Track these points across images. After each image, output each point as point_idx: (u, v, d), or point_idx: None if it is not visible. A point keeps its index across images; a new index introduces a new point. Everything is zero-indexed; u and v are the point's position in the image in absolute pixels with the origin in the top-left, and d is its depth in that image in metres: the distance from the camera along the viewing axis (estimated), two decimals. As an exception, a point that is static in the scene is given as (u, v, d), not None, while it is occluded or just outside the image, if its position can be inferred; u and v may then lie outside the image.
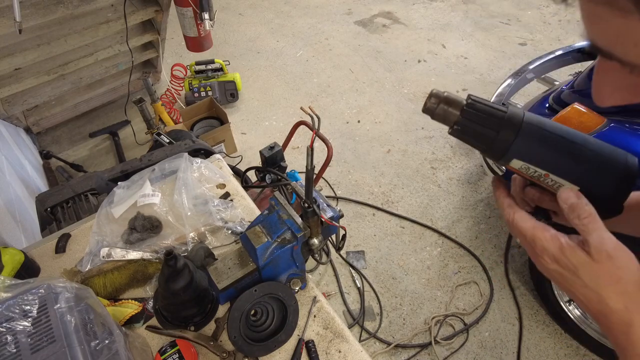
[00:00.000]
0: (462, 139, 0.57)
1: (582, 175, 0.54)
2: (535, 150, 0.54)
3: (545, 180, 0.55)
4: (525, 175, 0.56)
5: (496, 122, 0.54)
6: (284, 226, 0.88)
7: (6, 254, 0.97)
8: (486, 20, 4.03)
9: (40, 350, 0.62)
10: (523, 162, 0.54)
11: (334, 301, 2.01)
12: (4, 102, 2.41)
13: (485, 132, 0.54)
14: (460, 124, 0.55)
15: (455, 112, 0.55)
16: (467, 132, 0.55)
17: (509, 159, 0.55)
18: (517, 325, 1.91)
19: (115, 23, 2.33)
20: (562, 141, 0.54)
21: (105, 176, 1.43)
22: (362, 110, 3.10)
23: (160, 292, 0.91)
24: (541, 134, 0.54)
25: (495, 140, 0.54)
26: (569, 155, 0.54)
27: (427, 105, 0.56)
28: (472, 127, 0.54)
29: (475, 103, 0.54)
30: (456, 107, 0.55)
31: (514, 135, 0.53)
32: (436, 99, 0.55)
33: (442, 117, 0.56)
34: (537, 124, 0.54)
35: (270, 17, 4.23)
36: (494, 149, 0.55)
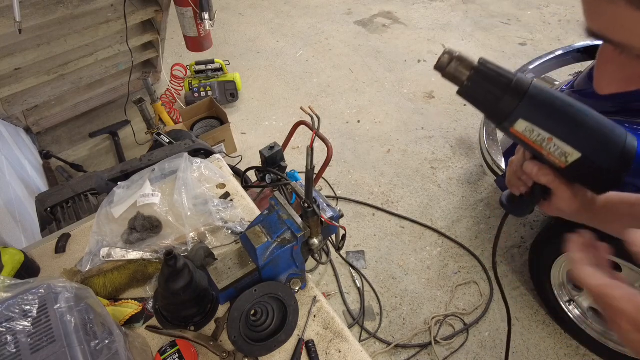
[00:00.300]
0: (471, 99, 0.58)
1: (584, 141, 0.55)
2: (540, 111, 0.55)
3: (548, 146, 0.56)
4: (528, 140, 0.56)
5: (505, 82, 0.55)
6: (284, 226, 0.88)
7: (6, 254, 0.97)
8: (486, 20, 4.03)
9: (40, 350, 0.62)
10: (528, 124, 0.55)
11: (334, 301, 2.01)
12: (4, 102, 2.41)
13: (494, 92, 0.55)
14: (471, 80, 0.56)
15: (465, 71, 0.56)
16: (476, 91, 0.57)
17: (515, 119, 0.55)
18: (517, 326, 1.91)
19: (115, 23, 2.33)
20: (568, 107, 0.55)
21: (105, 176, 1.43)
22: (362, 110, 3.10)
23: (160, 292, 0.91)
24: (547, 97, 0.55)
25: (502, 100, 0.55)
26: (573, 121, 0.55)
27: (440, 61, 0.57)
28: (482, 85, 0.56)
29: (486, 63, 0.56)
30: (467, 66, 0.56)
31: (521, 96, 0.54)
32: (449, 56, 0.57)
33: (452, 75, 0.57)
34: (544, 88, 0.55)
35: (270, 17, 4.23)
36: (501, 108, 0.55)
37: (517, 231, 2.27)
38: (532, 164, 0.61)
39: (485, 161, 2.08)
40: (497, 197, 2.45)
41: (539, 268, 1.80)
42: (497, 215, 2.36)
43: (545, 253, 1.73)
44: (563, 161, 0.57)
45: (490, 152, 2.05)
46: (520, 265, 2.12)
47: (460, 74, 0.57)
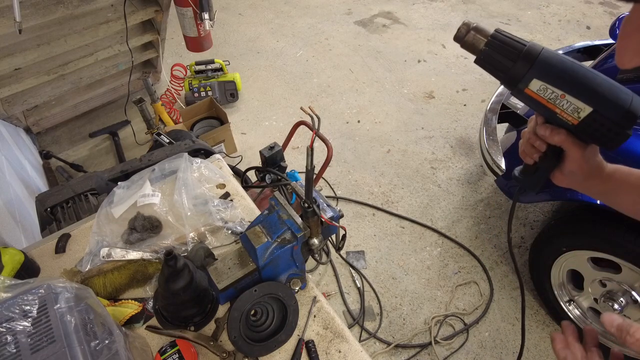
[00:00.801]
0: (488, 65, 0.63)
1: (595, 96, 0.59)
2: (553, 71, 0.59)
3: (561, 102, 0.60)
4: (542, 98, 0.61)
5: (519, 47, 0.60)
6: (284, 226, 0.88)
7: (6, 254, 0.97)
8: (486, 20, 4.03)
9: (40, 350, 0.62)
10: (542, 83, 0.60)
11: (334, 301, 2.01)
12: (4, 102, 2.41)
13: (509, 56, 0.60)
14: (488, 46, 0.62)
15: (482, 39, 0.62)
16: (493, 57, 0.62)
17: (529, 79, 0.60)
18: (517, 326, 1.91)
19: (115, 23, 2.33)
20: (577, 67, 0.60)
21: (105, 176, 1.43)
22: (362, 110, 3.10)
23: (160, 292, 0.91)
24: (559, 58, 0.60)
25: (517, 63, 0.60)
26: (584, 78, 0.59)
27: (458, 32, 0.63)
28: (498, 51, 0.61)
29: (502, 32, 0.62)
30: (484, 35, 0.62)
31: (534, 57, 0.59)
32: (467, 27, 0.63)
33: (471, 43, 0.63)
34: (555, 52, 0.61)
35: (270, 17, 4.23)
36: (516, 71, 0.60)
37: (517, 231, 2.27)
38: (544, 127, 0.65)
39: (485, 161, 2.08)
40: (497, 197, 2.45)
41: (539, 268, 1.80)
42: (496, 216, 2.36)
43: (545, 253, 1.73)
44: (575, 117, 0.60)
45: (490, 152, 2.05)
46: (520, 265, 2.12)
47: (477, 42, 0.62)
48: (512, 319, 1.93)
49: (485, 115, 2.06)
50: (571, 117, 0.60)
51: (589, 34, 3.78)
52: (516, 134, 1.96)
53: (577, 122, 0.60)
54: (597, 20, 3.96)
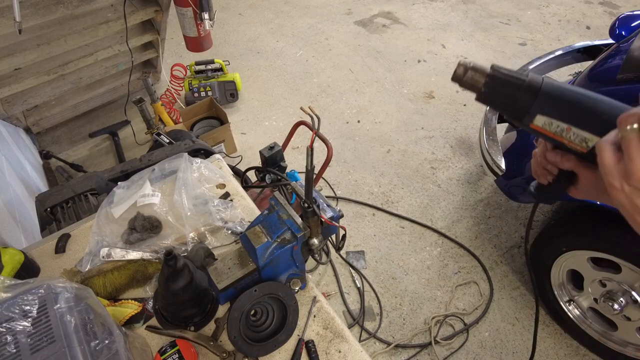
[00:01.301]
0: (489, 103, 0.63)
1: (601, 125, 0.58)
2: (556, 105, 0.59)
3: (568, 135, 0.59)
4: (548, 132, 0.60)
5: (519, 83, 0.59)
6: (284, 226, 0.88)
7: (6, 254, 0.97)
8: (486, 20, 4.03)
9: (40, 350, 0.62)
10: (546, 118, 0.59)
11: (334, 301, 2.01)
12: (4, 102, 2.41)
13: (510, 93, 0.60)
14: (487, 86, 0.61)
15: (481, 79, 0.61)
16: (494, 95, 0.62)
17: (533, 115, 0.60)
18: (517, 326, 1.91)
19: (115, 23, 2.33)
20: (580, 96, 0.59)
21: (105, 176, 1.43)
22: (362, 110, 3.10)
23: (160, 292, 0.91)
24: (560, 90, 0.59)
25: (519, 99, 0.60)
26: (588, 108, 0.58)
27: (456, 73, 0.63)
28: (498, 89, 0.61)
29: (499, 68, 0.61)
30: (482, 73, 0.61)
31: (536, 92, 0.59)
32: (464, 67, 0.62)
33: (469, 83, 0.63)
34: (556, 83, 0.60)
35: (270, 17, 4.23)
36: (519, 107, 0.60)
37: (517, 231, 2.27)
38: (554, 153, 0.65)
39: (485, 161, 2.08)
40: (497, 197, 2.45)
41: (539, 268, 1.80)
42: (496, 216, 2.36)
43: (545, 253, 1.73)
44: (584, 146, 0.60)
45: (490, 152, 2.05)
46: (520, 265, 2.12)
47: (476, 82, 0.62)
48: (512, 319, 1.93)
49: (485, 115, 2.06)
50: (579, 146, 0.60)
51: (589, 34, 3.78)
52: (516, 134, 1.96)
53: (586, 151, 0.60)
54: (597, 20, 3.96)
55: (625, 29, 2.00)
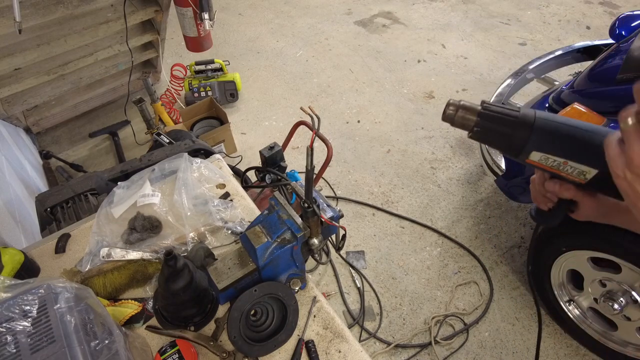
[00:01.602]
0: (482, 141, 0.62)
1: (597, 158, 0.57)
2: (551, 141, 0.58)
3: (565, 168, 0.59)
4: (545, 166, 0.60)
5: (512, 120, 0.58)
6: (284, 226, 0.88)
7: (6, 254, 0.97)
8: (486, 20, 4.03)
9: (40, 350, 0.62)
10: (542, 154, 0.58)
11: (334, 301, 2.01)
12: (4, 102, 2.41)
13: (503, 131, 0.59)
14: (479, 125, 0.60)
15: (472, 118, 0.60)
16: (487, 133, 0.60)
17: (529, 152, 0.59)
18: (517, 326, 1.91)
19: (115, 23, 2.33)
20: (574, 130, 0.58)
21: (105, 176, 1.43)
22: (362, 110, 3.10)
23: (160, 292, 0.91)
24: (554, 125, 0.58)
25: (513, 137, 0.58)
26: (582, 142, 0.57)
27: (446, 113, 0.61)
28: (491, 128, 0.59)
29: (490, 106, 0.60)
30: (473, 112, 0.60)
31: (529, 129, 0.57)
32: (454, 107, 0.61)
33: (461, 123, 0.61)
34: (549, 117, 0.58)
35: (270, 17, 4.23)
36: (513, 145, 0.59)
37: (517, 231, 2.27)
38: (552, 183, 0.64)
39: (485, 161, 2.09)
40: (497, 197, 2.45)
41: (539, 268, 1.80)
42: (496, 216, 2.36)
43: (545, 253, 1.73)
44: (582, 178, 0.59)
45: (490, 152, 2.05)
46: (520, 265, 2.12)
47: (467, 121, 0.60)
48: (512, 319, 1.93)
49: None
50: (577, 178, 0.60)
51: (589, 34, 3.78)
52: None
53: (585, 182, 0.60)
54: (597, 20, 3.96)
55: (625, 29, 2.00)
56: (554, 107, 1.89)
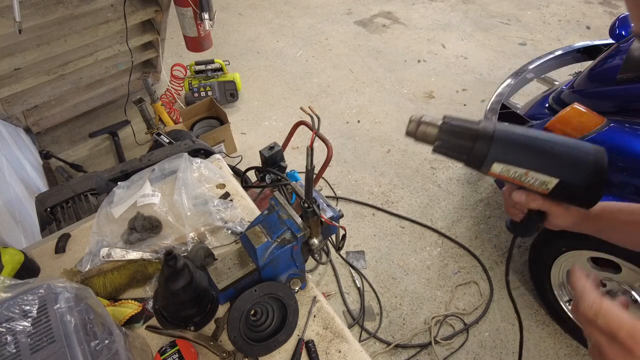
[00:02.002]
0: (444, 154, 0.62)
1: (557, 168, 0.58)
2: (511, 152, 0.59)
3: (527, 179, 0.60)
4: (507, 178, 0.60)
5: (472, 133, 0.59)
6: (284, 226, 0.88)
7: (6, 254, 0.97)
8: (486, 20, 4.03)
9: (40, 350, 0.62)
10: (503, 165, 0.59)
11: (334, 301, 2.01)
12: (4, 102, 2.41)
13: (464, 144, 0.60)
14: (440, 139, 0.61)
15: (433, 132, 0.61)
16: (448, 146, 0.61)
17: (490, 164, 0.59)
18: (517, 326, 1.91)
19: (115, 23, 2.33)
20: (534, 140, 0.59)
21: (105, 176, 1.43)
22: (362, 110, 3.10)
23: (160, 292, 0.91)
24: (514, 137, 0.59)
25: (473, 149, 0.59)
26: (542, 152, 0.58)
27: (408, 129, 0.63)
28: (452, 141, 0.60)
29: (450, 120, 0.61)
30: (433, 127, 0.61)
31: (489, 141, 0.58)
32: (415, 123, 0.62)
33: (423, 137, 0.62)
34: (509, 129, 0.59)
35: (270, 17, 4.23)
36: (474, 157, 0.60)
37: (517, 231, 2.27)
38: (519, 194, 0.65)
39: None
40: (497, 197, 2.45)
41: (539, 268, 1.80)
42: (496, 215, 2.36)
43: (545, 253, 1.73)
44: (544, 189, 0.60)
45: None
46: (520, 265, 2.12)
47: (429, 136, 0.62)
48: (512, 319, 1.93)
49: (485, 115, 2.06)
50: (540, 189, 0.60)
51: (589, 34, 3.78)
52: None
53: (548, 192, 0.61)
54: (597, 20, 3.96)
55: (625, 29, 2.00)
56: (554, 107, 1.89)
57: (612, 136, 1.46)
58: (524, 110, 2.09)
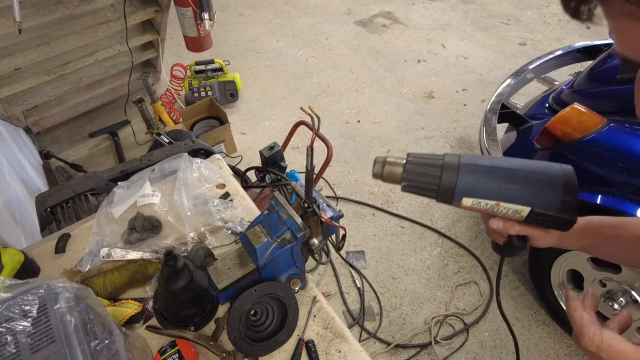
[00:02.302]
0: (414, 192, 0.61)
1: (527, 196, 0.57)
2: (478, 185, 0.57)
3: (499, 209, 0.59)
4: (480, 210, 0.60)
5: (436, 169, 0.58)
6: (284, 226, 0.88)
7: (6, 254, 0.97)
8: (486, 20, 4.03)
9: (40, 350, 0.62)
10: (472, 199, 0.58)
11: (334, 301, 2.01)
12: (4, 102, 2.41)
13: (429, 180, 0.59)
14: (406, 179, 0.60)
15: (399, 171, 0.60)
16: (415, 184, 0.60)
17: (459, 198, 0.58)
18: (517, 326, 1.91)
19: (115, 23, 2.33)
20: (500, 170, 0.58)
21: (105, 176, 1.43)
22: (362, 110, 3.10)
23: (160, 292, 0.91)
24: (479, 168, 0.58)
25: (440, 184, 0.58)
26: (510, 183, 0.57)
27: (374, 171, 0.62)
28: (417, 178, 0.59)
29: (413, 158, 0.60)
30: (398, 165, 0.60)
31: (455, 175, 0.57)
32: (380, 164, 0.61)
33: (389, 177, 0.61)
34: (473, 161, 0.58)
35: (270, 17, 4.23)
36: (442, 192, 0.59)
37: (517, 231, 2.27)
38: (496, 221, 0.64)
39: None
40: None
41: (539, 268, 1.80)
42: (497, 215, 2.36)
43: (545, 253, 1.73)
44: (518, 217, 0.59)
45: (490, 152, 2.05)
46: (520, 265, 2.12)
47: (395, 175, 0.61)
48: (512, 318, 1.93)
49: (485, 115, 2.06)
50: (514, 217, 0.60)
51: (589, 34, 3.78)
52: (516, 134, 1.96)
53: (522, 220, 0.60)
54: (597, 20, 3.96)
55: (625, 29, 1.99)
56: (554, 107, 1.89)
57: (612, 136, 1.46)
58: (524, 110, 2.09)
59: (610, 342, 0.48)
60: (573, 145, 1.54)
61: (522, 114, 2.01)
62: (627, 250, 0.66)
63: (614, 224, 0.66)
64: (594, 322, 0.51)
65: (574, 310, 0.54)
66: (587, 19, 0.35)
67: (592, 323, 0.51)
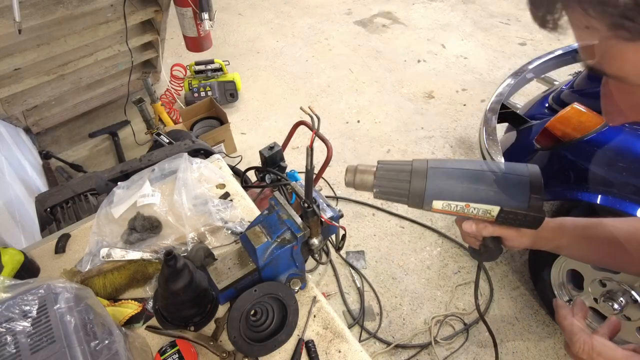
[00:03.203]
0: (386, 199, 0.63)
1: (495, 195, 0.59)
2: (447, 187, 0.59)
3: (470, 210, 0.60)
4: (451, 212, 0.61)
5: (406, 174, 0.60)
6: (284, 226, 0.88)
7: (6, 254, 0.97)
8: (486, 20, 4.03)
9: (40, 350, 0.62)
10: (443, 201, 0.60)
11: (334, 301, 2.01)
12: (3, 102, 2.41)
13: (400, 185, 0.60)
14: (377, 185, 0.61)
15: (369, 178, 0.62)
16: (386, 190, 0.62)
17: (430, 201, 0.60)
18: (517, 326, 1.91)
19: (115, 23, 2.33)
20: (467, 171, 0.59)
21: (105, 176, 1.43)
22: (362, 110, 3.10)
23: (160, 292, 0.91)
24: (447, 171, 0.59)
25: (410, 189, 0.60)
26: (477, 181, 0.59)
27: (347, 180, 0.63)
28: (388, 184, 0.61)
29: (383, 165, 0.62)
30: (369, 173, 0.62)
31: (424, 179, 0.59)
32: (351, 173, 0.63)
33: (361, 185, 0.63)
34: (441, 165, 0.60)
35: (270, 17, 4.23)
36: (413, 197, 0.60)
37: (517, 231, 2.27)
38: (468, 224, 0.65)
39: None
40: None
41: (539, 268, 1.80)
42: (497, 215, 2.36)
43: (545, 253, 1.73)
44: (490, 217, 0.61)
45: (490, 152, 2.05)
46: (520, 265, 2.12)
47: (366, 182, 0.62)
48: (512, 318, 1.93)
49: (485, 115, 2.06)
50: (485, 218, 0.61)
51: (588, 34, 3.77)
52: (516, 134, 1.96)
53: (494, 220, 0.61)
54: (597, 20, 3.96)
55: (625, 28, 1.99)
56: (554, 107, 1.89)
57: (612, 136, 1.46)
58: (524, 110, 2.09)
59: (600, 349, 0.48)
60: (573, 145, 1.54)
61: (522, 113, 2.01)
62: (598, 251, 0.67)
63: (585, 225, 0.67)
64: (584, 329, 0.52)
65: (563, 319, 0.54)
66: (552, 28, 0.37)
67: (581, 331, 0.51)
